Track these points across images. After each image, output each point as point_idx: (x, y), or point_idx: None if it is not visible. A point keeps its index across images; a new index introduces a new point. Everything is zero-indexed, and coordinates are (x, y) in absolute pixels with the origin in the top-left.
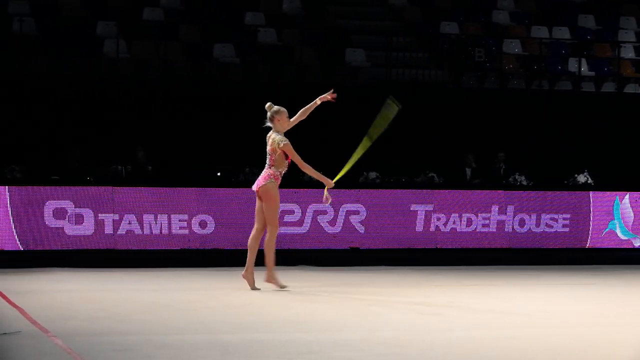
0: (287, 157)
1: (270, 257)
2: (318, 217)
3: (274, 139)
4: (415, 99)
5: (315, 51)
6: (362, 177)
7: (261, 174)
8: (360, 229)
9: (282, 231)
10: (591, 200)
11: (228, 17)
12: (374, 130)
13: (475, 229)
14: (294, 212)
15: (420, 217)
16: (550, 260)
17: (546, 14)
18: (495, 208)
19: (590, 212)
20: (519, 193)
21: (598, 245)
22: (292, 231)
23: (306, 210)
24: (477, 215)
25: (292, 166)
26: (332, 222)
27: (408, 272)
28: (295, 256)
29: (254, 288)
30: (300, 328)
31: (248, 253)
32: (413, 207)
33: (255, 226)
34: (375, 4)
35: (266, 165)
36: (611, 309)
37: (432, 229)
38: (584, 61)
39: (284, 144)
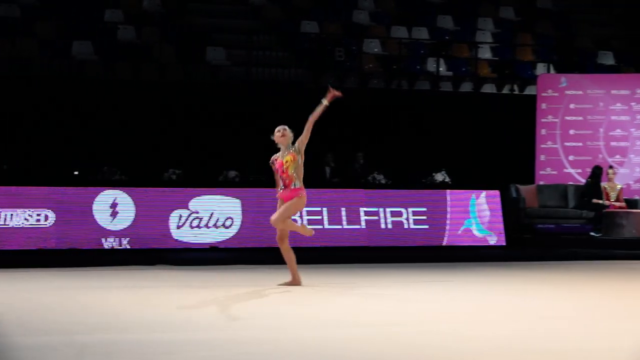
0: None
1: (291, 258)
2: (170, 216)
3: (290, 151)
4: (275, 98)
5: (175, 49)
6: (222, 176)
7: (283, 192)
8: (225, 228)
9: (142, 231)
10: (448, 199)
11: (87, 14)
12: None
13: (335, 227)
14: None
15: None
16: (408, 258)
17: (405, 14)
18: (354, 207)
19: (447, 210)
20: (377, 191)
21: (455, 243)
22: (152, 230)
23: (168, 210)
24: (336, 214)
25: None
26: (198, 223)
27: (269, 271)
28: (155, 256)
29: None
30: (158, 328)
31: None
32: (273, 206)
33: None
34: (235, 2)
35: (283, 185)
36: (467, 306)
37: None
38: (442, 61)
39: (297, 148)
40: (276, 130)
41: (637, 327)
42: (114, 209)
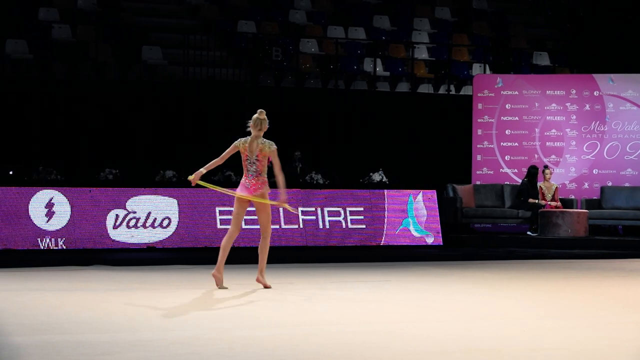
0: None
1: (264, 257)
2: (107, 216)
3: (264, 143)
4: (212, 98)
5: (112, 48)
6: (159, 176)
7: (249, 182)
8: (163, 228)
9: (78, 231)
10: (386, 198)
11: (21, 12)
12: None
13: (273, 227)
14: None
15: (220, 216)
16: (346, 257)
17: (342, 14)
18: (292, 207)
19: (385, 209)
20: (315, 191)
21: (392, 243)
22: (88, 230)
23: (104, 210)
24: (274, 214)
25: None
26: (135, 223)
27: (205, 271)
28: (92, 256)
29: (221, 287)
30: (96, 329)
31: (220, 252)
32: (212, 206)
33: (232, 228)
34: (172, 1)
35: (252, 172)
36: (406, 306)
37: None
38: (379, 61)
39: (274, 148)
40: (262, 114)
41: (575, 324)
42: (49, 209)
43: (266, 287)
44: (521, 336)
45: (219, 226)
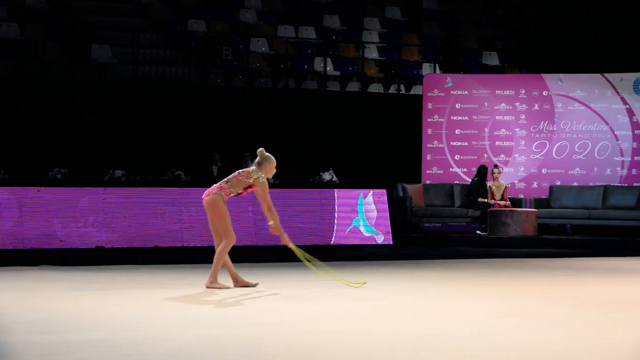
0: (247, 188)
1: (217, 266)
2: (56, 216)
3: (252, 171)
4: (162, 97)
5: (60, 47)
6: (108, 175)
7: (210, 187)
8: (111, 228)
9: (27, 231)
10: (336, 198)
11: None
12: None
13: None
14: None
15: (168, 215)
16: (297, 257)
17: (292, 13)
18: (243, 206)
19: (335, 209)
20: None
21: (342, 242)
22: (37, 230)
23: (53, 210)
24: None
25: None
26: (84, 222)
27: (153, 271)
28: (40, 256)
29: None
30: (45, 329)
31: (213, 265)
32: (160, 206)
33: (215, 241)
34: (122, 0)
35: (223, 180)
36: (354, 305)
37: (179, 227)
38: (329, 61)
39: (262, 181)
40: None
41: (527, 323)
42: None
43: (252, 285)
44: (476, 335)
45: (167, 226)
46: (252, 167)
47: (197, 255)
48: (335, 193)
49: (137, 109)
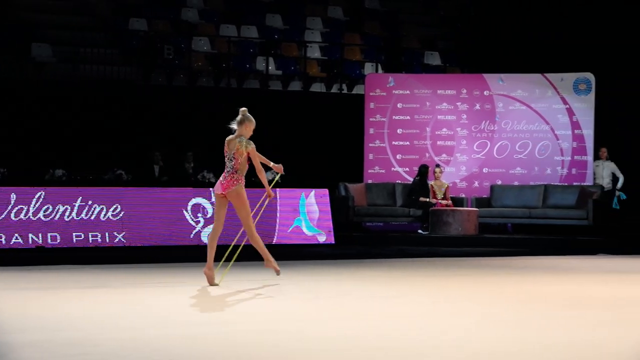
0: (248, 160)
1: (260, 247)
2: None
3: (241, 141)
4: (103, 96)
5: (0, 45)
6: (48, 174)
7: (224, 178)
8: (51, 228)
9: None
10: (278, 197)
11: None
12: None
13: (167, 226)
14: None
15: (109, 214)
16: (238, 256)
17: (235, 12)
18: (183, 205)
19: (277, 208)
20: (207, 190)
21: (284, 242)
22: None
23: None
24: (167, 213)
25: None
26: (23, 222)
27: (94, 271)
28: None
29: (213, 284)
30: None
31: (208, 250)
32: (100, 205)
33: (214, 225)
34: None
35: (229, 168)
36: (298, 304)
37: (121, 226)
38: (271, 60)
39: (252, 147)
40: (243, 112)
41: (469, 322)
42: None
43: (277, 271)
44: (418, 334)
45: (109, 225)
46: (235, 139)
47: (142, 255)
48: (278, 192)
49: (78, 108)
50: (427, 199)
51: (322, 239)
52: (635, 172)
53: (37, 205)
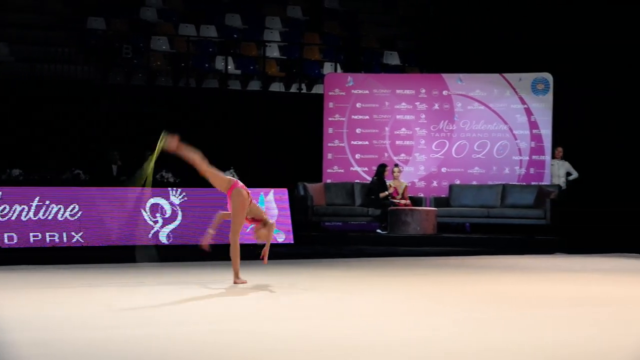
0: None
1: (235, 260)
2: None
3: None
4: (61, 95)
5: None
6: (5, 174)
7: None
8: (5, 227)
9: None
10: None
11: None
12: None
13: (121, 225)
14: None
15: (67, 214)
16: (195, 256)
17: (194, 12)
18: (142, 205)
19: None
20: (164, 190)
21: (242, 241)
22: None
23: None
24: (125, 212)
25: None
26: None
27: (56, 271)
28: None
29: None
30: None
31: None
32: (57, 205)
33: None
34: None
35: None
36: (257, 304)
37: (79, 225)
38: (230, 59)
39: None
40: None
41: (427, 321)
42: None
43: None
44: (377, 333)
45: (67, 225)
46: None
47: (99, 255)
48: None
49: (36, 107)
50: (387, 192)
51: (281, 238)
52: (590, 171)
53: None
